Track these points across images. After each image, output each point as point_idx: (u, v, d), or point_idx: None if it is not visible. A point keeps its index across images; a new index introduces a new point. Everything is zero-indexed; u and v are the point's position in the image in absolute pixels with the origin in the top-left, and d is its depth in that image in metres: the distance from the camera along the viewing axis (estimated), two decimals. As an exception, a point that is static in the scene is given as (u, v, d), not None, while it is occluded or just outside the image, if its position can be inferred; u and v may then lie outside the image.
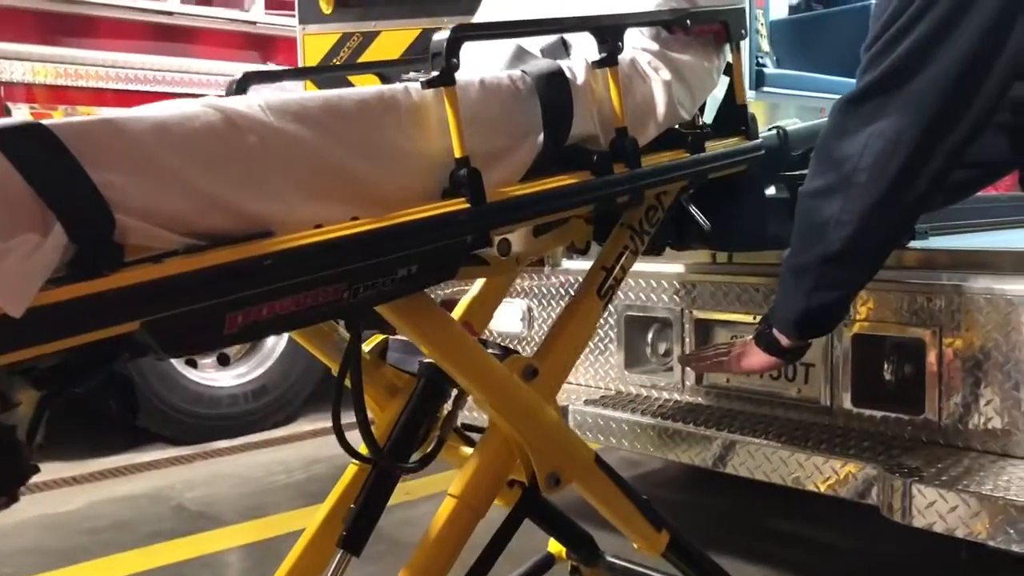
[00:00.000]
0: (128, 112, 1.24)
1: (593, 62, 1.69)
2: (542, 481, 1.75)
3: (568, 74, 1.68)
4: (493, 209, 1.51)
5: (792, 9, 5.41)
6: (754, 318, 2.65)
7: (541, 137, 1.63)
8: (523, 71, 1.63)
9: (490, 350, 1.78)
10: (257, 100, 1.32)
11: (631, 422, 2.70)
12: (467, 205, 1.47)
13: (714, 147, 1.94)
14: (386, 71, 2.20)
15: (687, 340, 2.81)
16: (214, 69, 4.86)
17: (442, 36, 1.46)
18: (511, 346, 1.81)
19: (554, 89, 1.64)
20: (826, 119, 2.28)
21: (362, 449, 1.81)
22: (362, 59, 3.19)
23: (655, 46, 1.84)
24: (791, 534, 3.36)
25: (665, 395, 2.87)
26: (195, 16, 5.02)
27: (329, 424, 1.68)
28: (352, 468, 2.00)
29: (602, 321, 2.98)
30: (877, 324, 2.40)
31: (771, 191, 2.21)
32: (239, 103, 1.30)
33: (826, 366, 2.50)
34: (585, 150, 1.70)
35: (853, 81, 1.91)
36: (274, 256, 1.25)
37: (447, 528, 1.69)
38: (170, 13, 4.92)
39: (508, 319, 3.22)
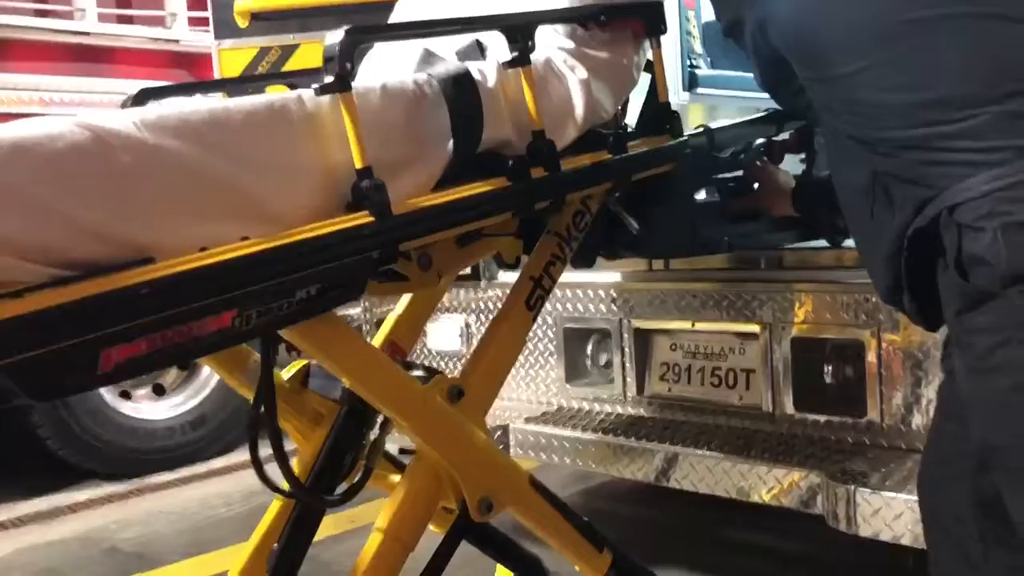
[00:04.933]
0: (-19, 131, 1.12)
1: (504, 63, 1.61)
2: (473, 508, 1.66)
3: (478, 76, 1.60)
4: (400, 222, 1.42)
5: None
6: (692, 325, 2.60)
7: (451, 144, 1.54)
8: (429, 74, 1.54)
9: (414, 372, 1.69)
10: (132, 116, 1.21)
11: (572, 439, 2.62)
12: (371, 219, 1.38)
13: (637, 147, 1.87)
14: (297, 81, 2.09)
15: (627, 350, 2.74)
16: (135, 89, 4.69)
17: (335, 38, 1.36)
18: (450, 364, 1.72)
19: (462, 93, 1.55)
20: (756, 115, 2.24)
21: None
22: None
23: (570, 44, 1.76)
24: (741, 543, 3.29)
25: (607, 408, 2.79)
26: (114, 36, 4.86)
27: (270, 452, 1.56)
28: (277, 502, 1.89)
29: (541, 334, 2.90)
30: (815, 326, 2.35)
31: (701, 195, 2.14)
32: (111, 119, 1.19)
33: (767, 372, 2.45)
34: (501, 156, 1.62)
35: None
36: (151, 285, 1.14)
37: (375, 564, 1.59)
38: (87, 33, 4.75)
39: (445, 336, 3.12)
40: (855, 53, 1.49)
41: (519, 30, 1.60)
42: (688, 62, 3.91)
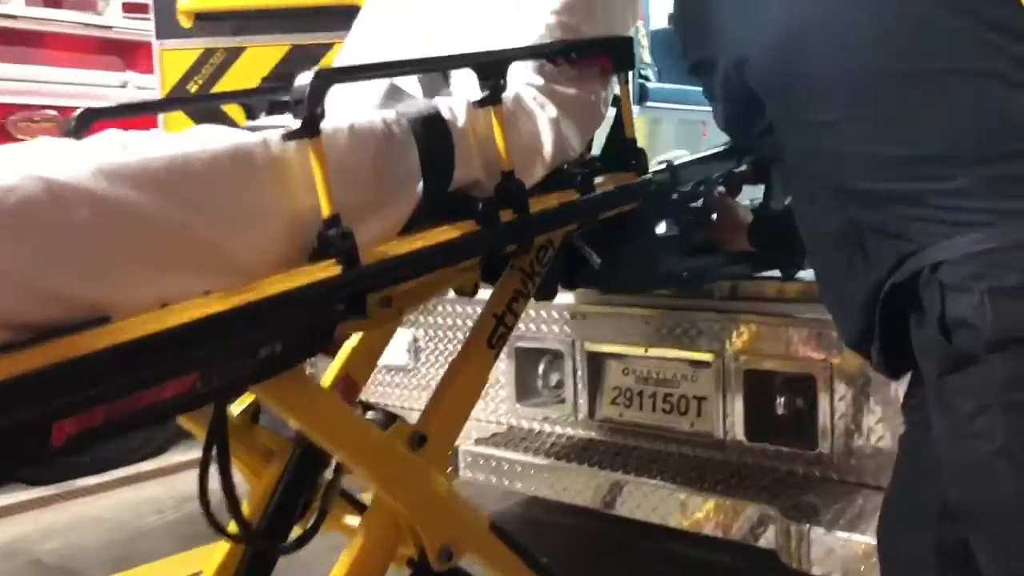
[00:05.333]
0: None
1: (475, 102, 1.56)
2: (434, 556, 1.61)
3: (447, 115, 1.55)
4: (368, 272, 1.36)
5: (672, 18, 5.39)
6: (645, 350, 2.59)
7: (420, 186, 1.49)
8: (398, 113, 1.49)
9: (370, 414, 1.64)
10: (90, 163, 1.13)
11: (523, 463, 2.59)
12: (338, 269, 1.32)
13: (604, 185, 1.84)
14: (250, 101, 2.02)
15: (579, 373, 2.72)
16: (65, 77, 4.50)
17: (304, 80, 1.30)
18: (398, 378, 1.66)
19: (433, 133, 1.50)
20: (718, 149, 2.23)
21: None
22: (227, 77, 2.97)
23: (540, 80, 1.72)
24: (687, 558, 3.31)
25: (558, 429, 2.77)
26: (42, 20, 4.63)
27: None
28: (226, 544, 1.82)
29: (491, 353, 2.86)
30: (768, 358, 2.36)
31: (661, 228, 2.13)
32: (66, 169, 1.10)
33: (719, 400, 2.45)
34: (469, 197, 1.57)
35: None
36: (110, 352, 1.06)
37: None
38: (14, 17, 4.52)
39: (393, 351, 3.05)
40: (840, 100, 1.47)
41: (491, 68, 1.56)
42: (638, 73, 3.88)
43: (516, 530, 1.86)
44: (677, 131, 3.92)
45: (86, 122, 1.71)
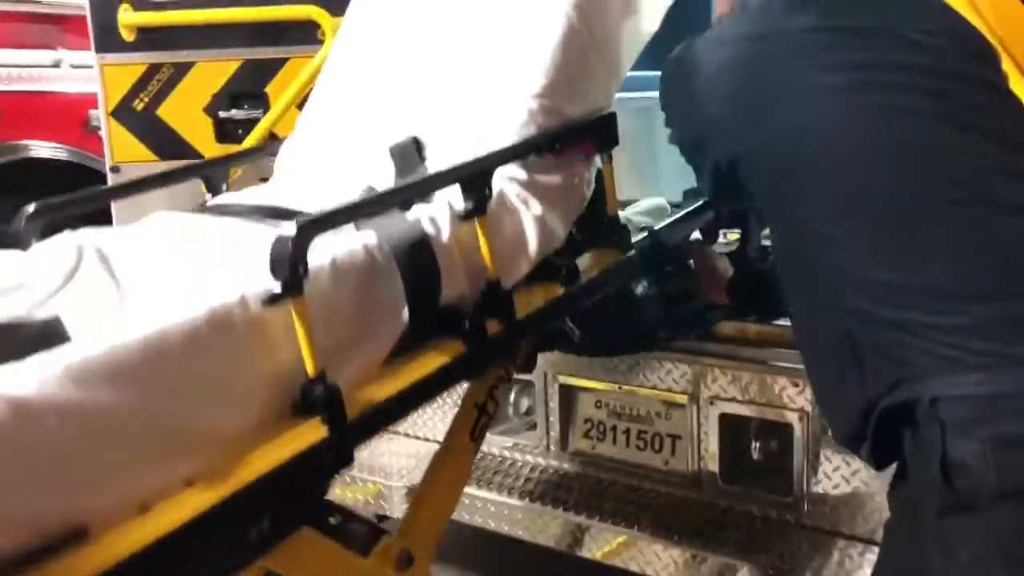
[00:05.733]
0: None
1: (460, 214, 1.48)
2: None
3: (430, 229, 1.46)
4: (356, 426, 1.29)
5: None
6: (619, 387, 2.56)
7: (405, 313, 1.41)
8: (380, 237, 1.39)
9: (355, 525, 1.58)
10: (57, 366, 1.03)
11: (495, 501, 2.58)
12: (325, 430, 1.25)
13: (588, 270, 1.77)
14: (211, 172, 1.89)
15: (551, 405, 2.69)
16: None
17: (287, 235, 1.20)
18: None
19: (417, 258, 1.42)
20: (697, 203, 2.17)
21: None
22: (176, 94, 2.79)
23: (523, 174, 1.63)
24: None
25: (529, 458, 2.75)
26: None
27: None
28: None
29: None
30: (744, 404, 2.35)
31: (640, 287, 2.07)
32: (30, 378, 1.01)
33: (693, 441, 2.44)
34: (454, 312, 1.50)
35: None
36: (90, 583, 0.99)
37: None
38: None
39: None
40: (840, 218, 1.41)
41: (477, 179, 1.47)
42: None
43: None
44: (636, 122, 3.83)
45: (37, 218, 1.59)
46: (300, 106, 2.73)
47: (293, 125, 2.74)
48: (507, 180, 1.61)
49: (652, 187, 2.59)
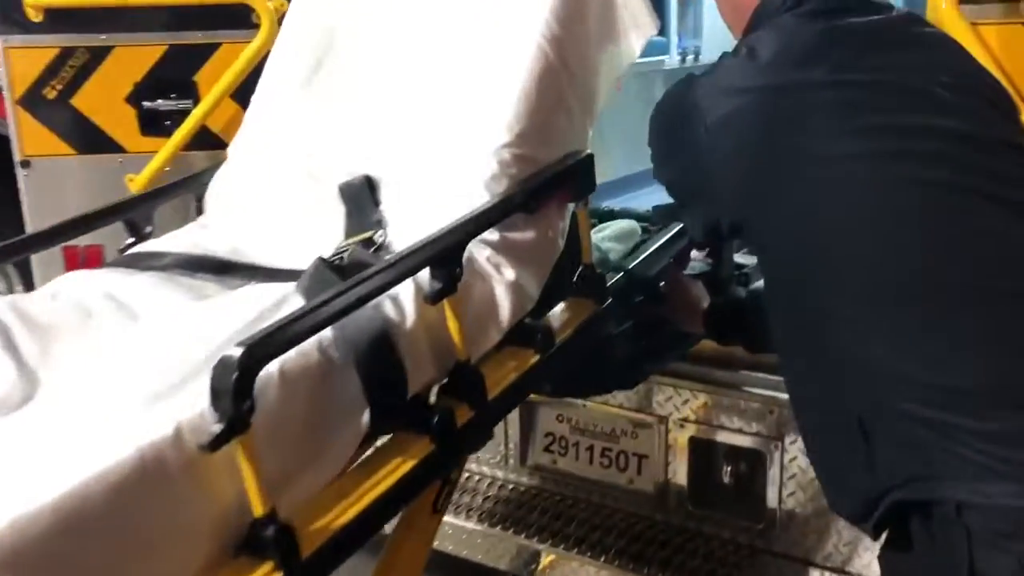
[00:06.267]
0: None
1: (428, 296, 1.30)
2: None
3: (394, 316, 1.28)
4: (313, 566, 1.13)
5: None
6: (584, 405, 2.44)
7: (366, 416, 1.25)
8: (335, 334, 1.22)
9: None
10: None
11: (452, 525, 2.46)
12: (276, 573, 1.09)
13: (562, 325, 1.62)
14: (134, 216, 1.68)
15: (510, 417, 2.55)
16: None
17: (230, 360, 1.02)
18: None
19: (379, 354, 1.25)
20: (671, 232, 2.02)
21: None
22: (93, 81, 2.49)
23: (495, 235, 1.46)
24: None
25: (486, 470, 2.63)
26: None
27: None
28: None
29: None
30: (716, 429, 2.26)
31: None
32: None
33: (661, 461, 2.35)
34: (419, 406, 1.34)
35: None
36: None
37: None
38: None
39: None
40: (857, 298, 1.26)
41: (448, 257, 1.30)
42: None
43: None
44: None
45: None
46: (234, 96, 2.50)
47: (226, 118, 2.54)
48: (477, 244, 1.43)
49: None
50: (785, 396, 2.11)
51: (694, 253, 2.16)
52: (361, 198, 1.62)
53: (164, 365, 1.23)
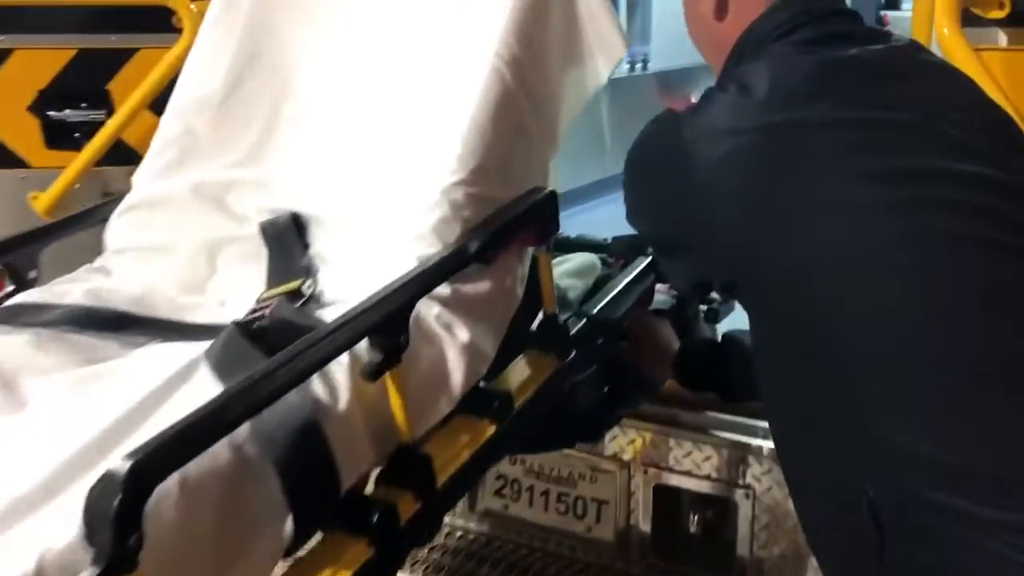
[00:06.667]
0: None
1: (366, 372, 1.10)
2: None
3: (324, 398, 1.07)
4: None
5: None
6: (539, 447, 2.25)
7: (289, 524, 1.04)
8: (252, 429, 1.00)
9: None
10: None
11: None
12: None
13: (521, 385, 1.42)
14: (13, 259, 1.44)
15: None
16: None
17: (111, 478, 0.80)
18: None
19: (302, 449, 1.03)
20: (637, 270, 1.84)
21: None
22: (-9, 90, 2.24)
23: (446, 290, 1.25)
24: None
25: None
26: None
27: None
28: None
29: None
30: (682, 476, 2.09)
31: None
32: None
33: (623, 507, 2.18)
34: (355, 502, 1.13)
35: None
36: None
37: None
38: None
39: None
40: (873, 369, 1.11)
41: (391, 324, 1.09)
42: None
43: None
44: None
45: None
46: (152, 107, 2.25)
47: (143, 131, 2.28)
48: (426, 300, 1.23)
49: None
50: (756, 441, 2.01)
51: (659, 286, 1.98)
52: (286, 239, 1.41)
53: (37, 459, 1.01)
